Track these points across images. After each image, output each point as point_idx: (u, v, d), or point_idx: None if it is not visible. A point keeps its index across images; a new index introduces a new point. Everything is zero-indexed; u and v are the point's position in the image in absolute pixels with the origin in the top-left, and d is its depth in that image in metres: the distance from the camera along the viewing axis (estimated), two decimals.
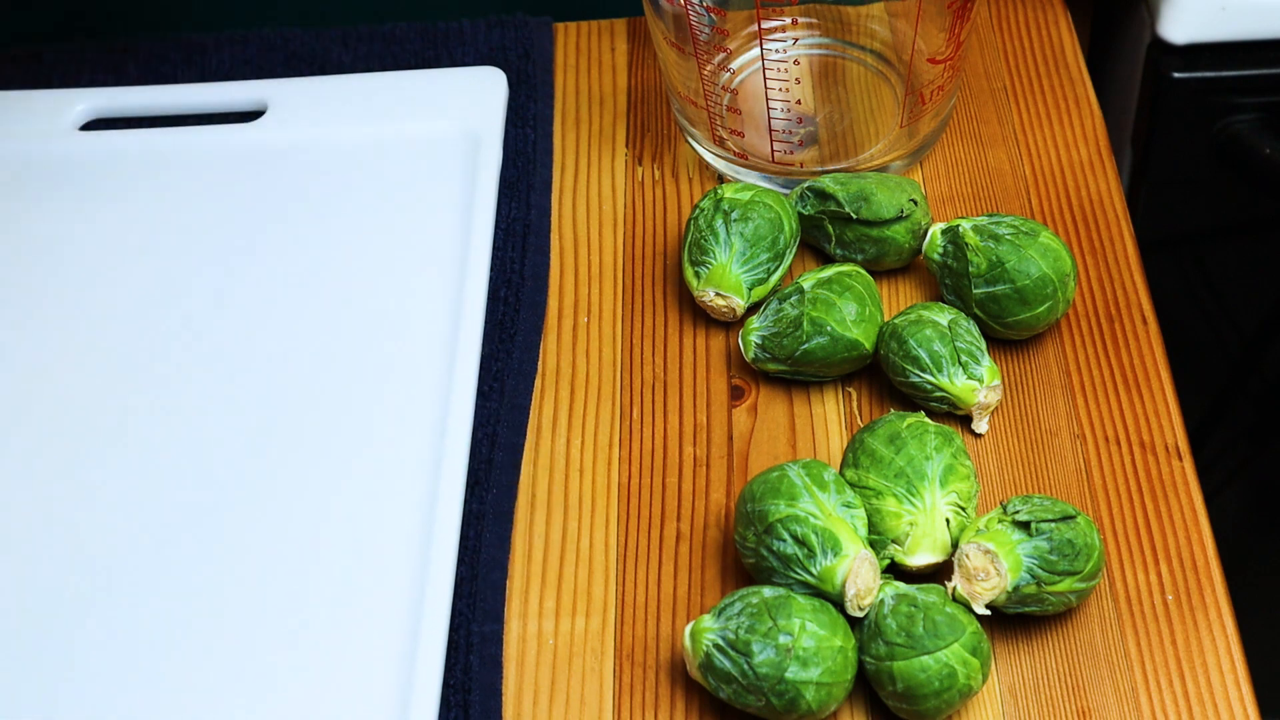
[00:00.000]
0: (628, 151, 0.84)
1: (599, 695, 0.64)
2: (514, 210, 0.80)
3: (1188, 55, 0.86)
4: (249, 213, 0.81)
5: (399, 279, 0.77)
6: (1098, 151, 0.81)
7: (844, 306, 0.70)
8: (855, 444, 0.66)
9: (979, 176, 0.81)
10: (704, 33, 0.76)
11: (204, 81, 0.88)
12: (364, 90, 0.86)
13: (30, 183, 0.83)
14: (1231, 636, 0.63)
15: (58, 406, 0.74)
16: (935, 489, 0.64)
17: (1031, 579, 0.61)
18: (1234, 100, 0.87)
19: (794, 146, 0.79)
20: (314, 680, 0.63)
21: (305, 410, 0.72)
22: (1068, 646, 0.63)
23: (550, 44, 0.89)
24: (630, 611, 0.66)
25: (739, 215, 0.73)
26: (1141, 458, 0.69)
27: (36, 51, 0.91)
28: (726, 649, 0.60)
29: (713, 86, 0.79)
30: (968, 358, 0.69)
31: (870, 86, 0.82)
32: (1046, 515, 0.62)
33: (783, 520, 0.62)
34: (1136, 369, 0.72)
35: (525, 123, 0.84)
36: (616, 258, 0.79)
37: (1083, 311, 0.74)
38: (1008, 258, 0.70)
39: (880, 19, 0.82)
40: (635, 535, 0.68)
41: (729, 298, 0.73)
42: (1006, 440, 0.70)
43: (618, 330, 0.76)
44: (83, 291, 0.78)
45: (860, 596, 0.61)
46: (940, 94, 0.78)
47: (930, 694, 0.59)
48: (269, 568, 0.67)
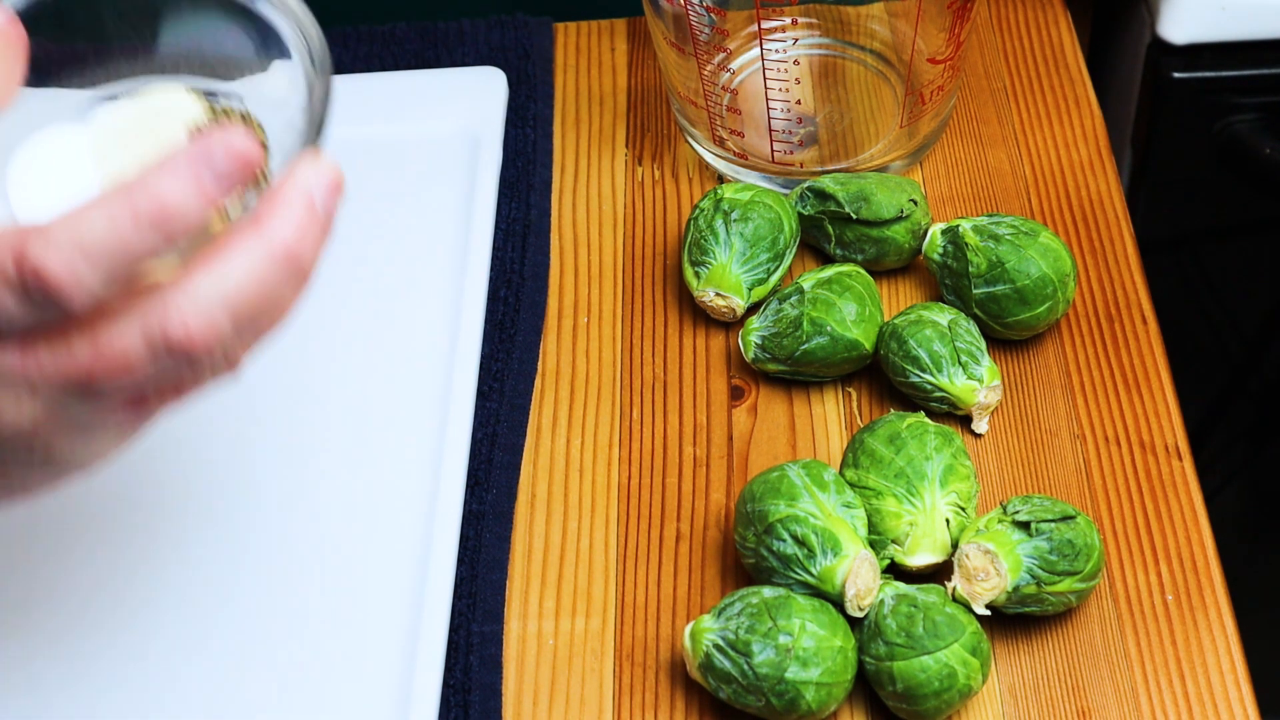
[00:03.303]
0: (628, 151, 0.84)
1: (599, 695, 0.64)
2: (514, 210, 0.80)
3: (1188, 55, 0.86)
4: None
5: (399, 279, 0.77)
6: (1098, 151, 0.81)
7: (844, 306, 0.70)
8: (855, 444, 0.66)
9: (979, 176, 0.81)
10: (704, 33, 0.76)
11: None
12: (364, 90, 0.85)
13: None
14: (1231, 636, 0.63)
15: None
16: (935, 489, 0.64)
17: (1031, 579, 0.61)
18: (1234, 100, 0.87)
19: (794, 146, 0.79)
20: (314, 679, 0.63)
21: (305, 410, 0.72)
22: (1068, 646, 0.63)
23: (550, 44, 0.89)
24: (630, 611, 0.66)
25: (739, 215, 0.73)
26: (1141, 458, 0.69)
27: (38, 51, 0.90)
28: (726, 649, 0.60)
29: (713, 86, 0.79)
30: (968, 358, 0.69)
31: (870, 86, 0.82)
32: (1046, 515, 0.62)
33: (783, 520, 0.62)
34: (1136, 369, 0.72)
35: (525, 123, 0.84)
36: (616, 258, 0.79)
37: (1083, 311, 0.74)
38: (1008, 258, 0.70)
39: (880, 19, 0.82)
40: (635, 535, 0.68)
41: (729, 298, 0.73)
42: (1006, 440, 0.70)
43: (618, 330, 0.76)
44: None
45: (860, 597, 0.61)
46: (940, 94, 0.78)
47: (930, 694, 0.59)
48: (268, 567, 0.67)
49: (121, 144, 0.50)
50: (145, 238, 0.42)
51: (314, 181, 0.47)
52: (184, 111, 0.51)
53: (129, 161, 0.50)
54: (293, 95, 0.51)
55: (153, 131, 0.51)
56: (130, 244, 0.42)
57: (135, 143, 0.50)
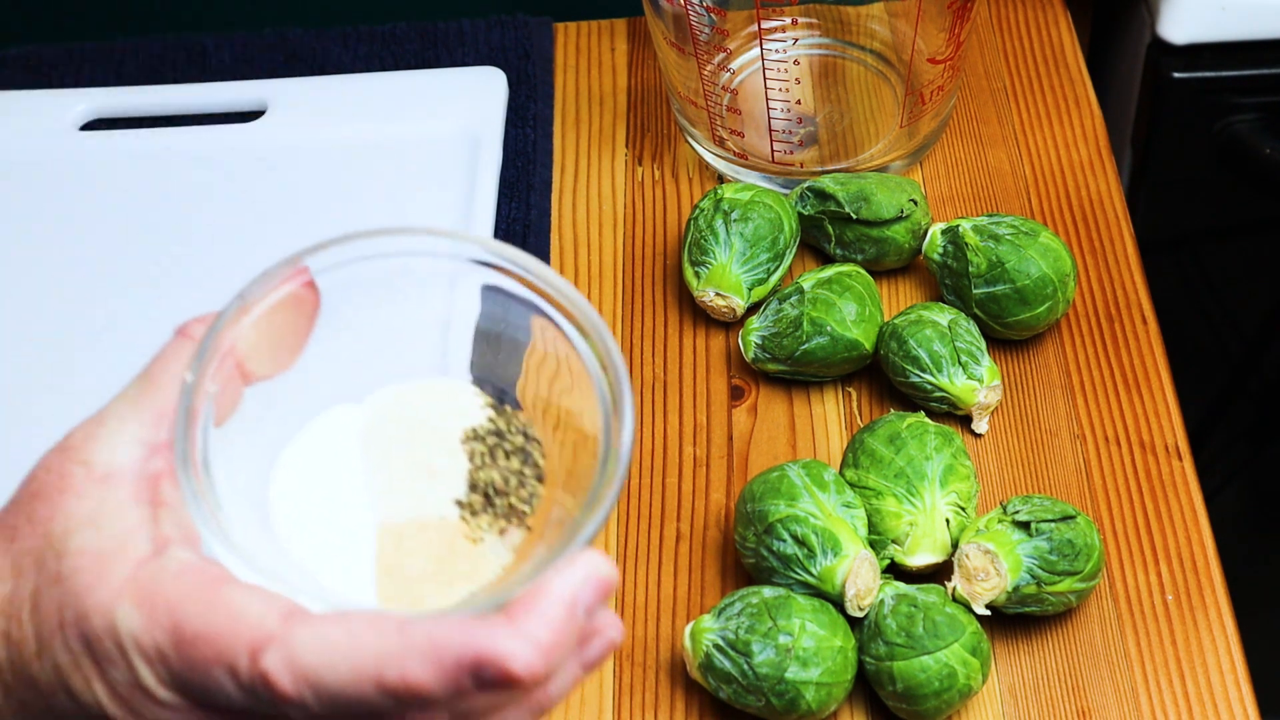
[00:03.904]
0: (628, 151, 0.84)
1: (599, 695, 0.64)
2: (514, 210, 0.80)
3: (1188, 55, 0.86)
4: (249, 212, 0.81)
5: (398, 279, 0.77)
6: (1098, 151, 0.81)
7: (844, 306, 0.70)
8: (855, 444, 0.66)
9: (979, 176, 0.81)
10: (704, 33, 0.76)
11: (204, 81, 0.88)
12: (364, 90, 0.86)
13: (30, 183, 0.83)
14: (1231, 636, 0.63)
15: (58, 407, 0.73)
16: (935, 489, 0.64)
17: (1031, 579, 0.61)
18: (1234, 100, 0.87)
19: (794, 146, 0.79)
20: None
21: None
22: (1068, 646, 0.63)
23: (550, 44, 0.89)
24: (630, 611, 0.66)
25: (739, 215, 0.73)
26: (1141, 458, 0.69)
27: (36, 51, 0.91)
28: (726, 649, 0.60)
29: (713, 86, 0.79)
30: (968, 358, 0.69)
31: (870, 86, 0.82)
32: (1046, 515, 0.62)
33: (783, 520, 0.62)
34: (1136, 369, 0.72)
35: (525, 123, 0.84)
36: (616, 258, 0.79)
37: (1083, 311, 0.74)
38: (1008, 258, 0.70)
39: (880, 19, 0.82)
40: (635, 535, 0.68)
41: (729, 298, 0.73)
42: (1006, 440, 0.70)
43: (618, 330, 0.76)
44: (82, 291, 0.78)
45: (860, 597, 0.61)
46: (940, 94, 0.78)
47: (930, 694, 0.59)
48: None
49: (392, 434, 0.48)
50: (383, 703, 0.40)
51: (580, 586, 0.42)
52: (463, 408, 0.48)
53: (396, 457, 0.48)
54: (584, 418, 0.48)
55: (425, 425, 0.48)
56: (365, 699, 0.40)
57: (407, 434, 0.48)
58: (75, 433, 0.45)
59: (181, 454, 0.43)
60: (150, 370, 0.46)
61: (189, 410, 0.44)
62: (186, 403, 0.44)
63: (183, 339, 0.46)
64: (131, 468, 0.44)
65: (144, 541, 0.42)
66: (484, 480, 0.47)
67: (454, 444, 0.48)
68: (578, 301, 0.46)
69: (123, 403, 0.45)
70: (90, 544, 0.42)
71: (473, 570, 0.46)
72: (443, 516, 0.47)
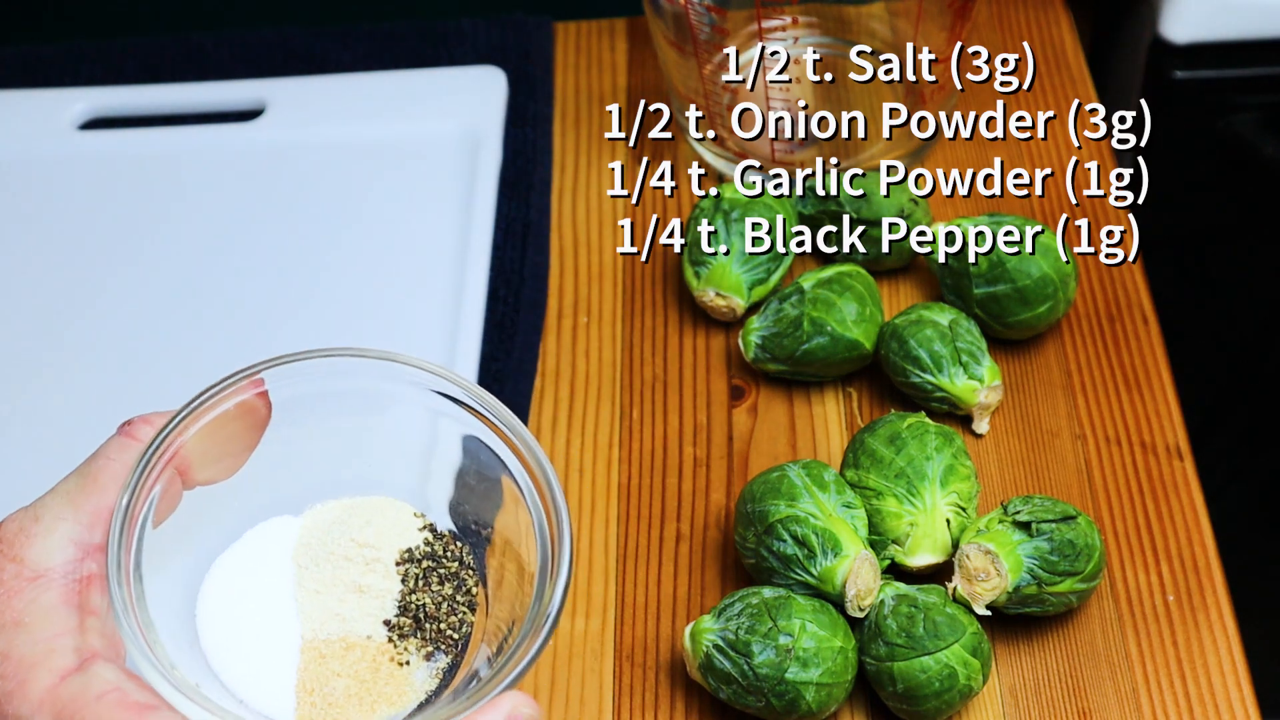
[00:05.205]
0: (628, 151, 0.84)
1: (599, 695, 0.64)
2: (514, 210, 0.80)
3: (1189, 55, 0.86)
4: (248, 212, 0.81)
5: (399, 278, 0.77)
6: (1098, 151, 0.81)
7: (844, 306, 0.70)
8: (855, 444, 0.66)
9: None
10: (704, 32, 0.76)
11: (203, 81, 0.88)
12: (363, 90, 0.85)
13: (29, 182, 0.83)
14: (1232, 637, 0.63)
15: (58, 404, 0.73)
16: (936, 489, 0.64)
17: (1032, 579, 0.61)
18: (1235, 100, 0.87)
19: (794, 146, 0.79)
20: None
21: None
22: (1068, 647, 0.63)
23: (550, 44, 0.89)
24: (630, 611, 0.66)
25: (739, 215, 0.73)
26: (1142, 458, 0.69)
27: (35, 51, 0.91)
28: (726, 649, 0.60)
29: (713, 86, 0.78)
30: (968, 358, 0.69)
31: (870, 86, 0.82)
32: (1047, 516, 0.62)
33: (783, 521, 0.62)
34: (1137, 369, 0.72)
35: (525, 123, 0.84)
36: (616, 258, 0.79)
37: (1083, 311, 0.74)
38: (1008, 258, 0.70)
39: (880, 19, 0.82)
40: (635, 535, 0.68)
41: (729, 298, 0.73)
42: (1007, 440, 0.70)
43: (618, 330, 0.76)
44: (82, 290, 0.78)
45: (860, 597, 0.61)
46: (940, 93, 0.78)
47: (931, 695, 0.59)
48: None
49: (327, 549, 0.48)
50: None
51: None
52: (401, 528, 0.48)
53: (327, 573, 0.48)
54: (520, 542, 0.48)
55: (360, 542, 0.48)
56: None
57: (342, 551, 0.48)
58: (9, 524, 0.44)
59: (115, 563, 0.43)
60: (90, 467, 0.45)
61: (126, 518, 0.43)
62: (123, 511, 0.43)
63: (126, 439, 0.45)
64: (64, 569, 0.43)
65: (69, 653, 0.42)
66: (415, 603, 0.47)
67: (388, 564, 0.48)
68: (536, 453, 0.47)
69: (60, 499, 0.44)
70: (15, 649, 0.42)
71: (396, 694, 0.46)
72: (369, 636, 0.47)
